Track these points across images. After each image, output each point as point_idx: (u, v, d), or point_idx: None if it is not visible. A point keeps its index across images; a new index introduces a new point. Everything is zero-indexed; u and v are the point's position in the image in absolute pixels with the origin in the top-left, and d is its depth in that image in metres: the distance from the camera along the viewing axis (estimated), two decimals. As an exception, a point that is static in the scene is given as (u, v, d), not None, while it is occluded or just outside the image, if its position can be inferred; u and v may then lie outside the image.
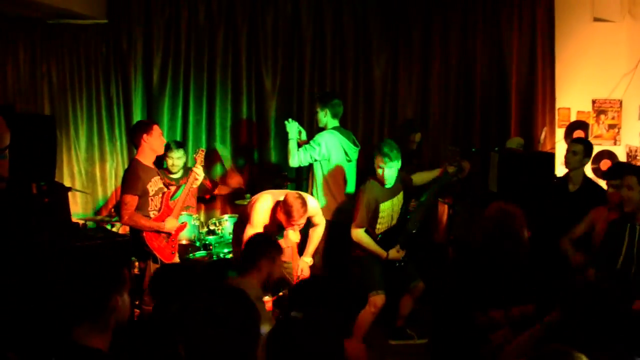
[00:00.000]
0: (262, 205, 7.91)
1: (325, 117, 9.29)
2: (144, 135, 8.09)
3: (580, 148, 8.71)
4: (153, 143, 8.16)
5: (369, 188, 8.44)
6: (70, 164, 10.41)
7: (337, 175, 9.28)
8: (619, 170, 7.65)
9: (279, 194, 8.01)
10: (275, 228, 7.90)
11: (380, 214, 8.44)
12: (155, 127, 8.26)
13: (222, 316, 2.92)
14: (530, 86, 11.14)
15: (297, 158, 8.97)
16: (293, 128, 9.19)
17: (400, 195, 8.61)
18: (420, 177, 9.01)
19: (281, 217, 7.74)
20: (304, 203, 7.73)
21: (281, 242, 7.62)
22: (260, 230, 7.79)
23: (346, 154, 9.33)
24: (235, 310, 2.97)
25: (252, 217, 7.87)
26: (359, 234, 8.37)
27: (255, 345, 3.03)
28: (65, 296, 3.49)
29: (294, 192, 7.94)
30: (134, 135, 8.18)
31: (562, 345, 3.26)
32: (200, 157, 8.41)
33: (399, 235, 8.59)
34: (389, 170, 8.27)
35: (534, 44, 11.06)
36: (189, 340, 2.97)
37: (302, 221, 7.79)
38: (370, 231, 8.45)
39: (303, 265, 8.31)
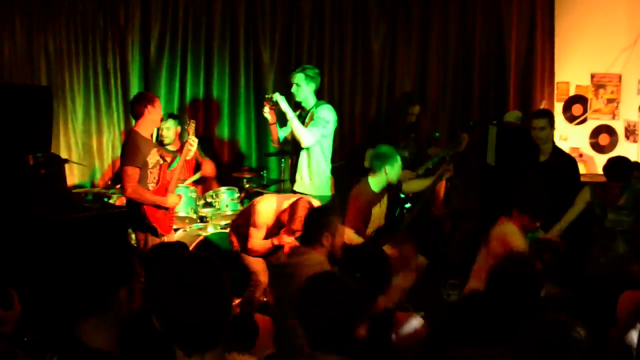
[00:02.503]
0: (265, 206, 7.85)
1: (309, 92, 9.18)
2: (148, 107, 8.02)
3: (545, 122, 8.68)
4: (155, 115, 8.12)
5: (364, 191, 8.45)
6: (67, 135, 10.34)
7: (329, 152, 9.26)
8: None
9: (284, 197, 7.98)
10: (277, 230, 7.85)
11: (372, 217, 8.45)
12: (158, 99, 8.23)
13: (192, 283, 2.89)
14: (529, 60, 11.13)
15: (310, 136, 8.76)
16: (285, 102, 8.92)
17: (386, 198, 8.62)
18: (410, 186, 8.98)
19: (284, 218, 7.70)
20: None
21: (274, 240, 7.70)
22: (263, 230, 7.81)
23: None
24: (205, 277, 2.94)
25: (255, 218, 7.81)
26: (350, 234, 8.35)
27: (229, 311, 3.00)
28: (72, 289, 3.46)
29: (306, 200, 7.69)
30: (137, 106, 8.11)
31: (562, 315, 3.25)
32: (192, 128, 8.38)
33: (392, 232, 8.60)
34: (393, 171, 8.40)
35: (533, 17, 11.04)
36: (161, 310, 2.95)
37: None
38: (361, 232, 8.43)
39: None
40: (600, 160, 9.90)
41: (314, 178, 8.72)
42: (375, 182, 8.46)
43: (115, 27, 10.46)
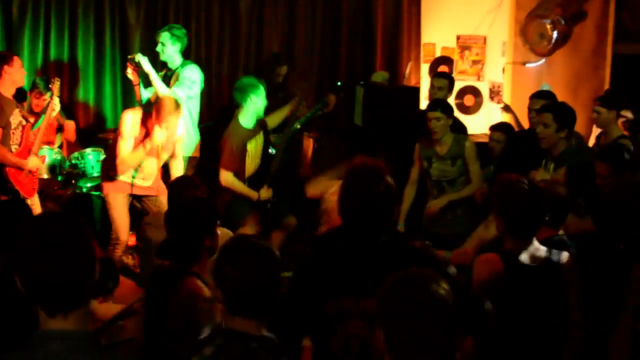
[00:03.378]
0: (129, 117, 7.81)
1: (175, 52, 9.09)
2: (5, 67, 7.87)
3: (445, 83, 8.84)
4: (14, 75, 7.97)
5: (234, 130, 8.38)
6: None
7: (196, 114, 9.20)
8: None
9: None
10: (144, 136, 7.76)
11: (248, 154, 8.41)
12: (16, 58, 8.09)
13: (54, 241, 2.84)
14: (395, 21, 11.23)
15: (172, 94, 8.66)
16: (148, 63, 8.81)
17: (261, 135, 8.57)
18: (272, 120, 8.95)
19: (153, 118, 7.65)
20: (178, 105, 7.68)
21: (146, 142, 7.65)
22: (131, 141, 7.76)
23: None
24: (68, 234, 2.89)
25: (121, 129, 7.79)
26: (229, 177, 8.29)
27: (93, 270, 2.96)
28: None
29: (171, 98, 7.82)
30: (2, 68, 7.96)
31: (420, 269, 3.25)
32: (56, 87, 8.24)
33: (265, 175, 8.59)
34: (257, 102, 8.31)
35: (400, -21, 11.13)
36: (22, 269, 2.89)
37: (174, 122, 7.74)
38: (239, 173, 8.39)
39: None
40: (466, 121, 10.02)
41: (189, 136, 8.67)
42: (245, 117, 8.38)
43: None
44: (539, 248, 4.63)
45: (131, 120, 7.78)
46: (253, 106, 8.32)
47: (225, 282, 3.49)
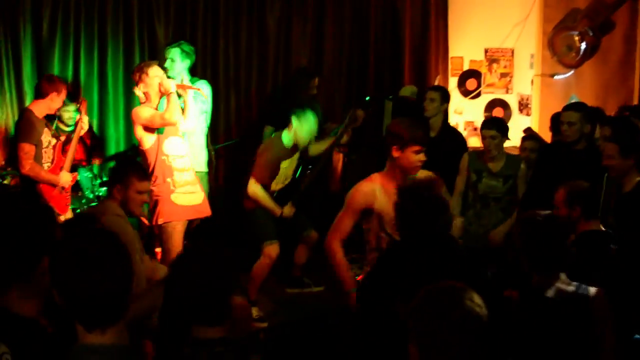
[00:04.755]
0: (141, 107, 7.94)
1: (183, 69, 9.12)
2: (53, 94, 8.00)
3: (437, 95, 8.83)
4: (55, 104, 8.15)
5: (276, 145, 8.48)
6: (-42, 117, 10.15)
7: (206, 128, 9.26)
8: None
9: None
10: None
11: (280, 172, 8.48)
12: (65, 91, 8.22)
13: (92, 257, 2.88)
14: (423, 35, 11.23)
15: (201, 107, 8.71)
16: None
17: (296, 156, 8.64)
18: (316, 148, 9.02)
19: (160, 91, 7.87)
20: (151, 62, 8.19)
21: (168, 89, 7.73)
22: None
23: None
24: (106, 251, 2.93)
25: (141, 113, 7.86)
26: (256, 188, 8.37)
27: (129, 286, 2.99)
28: None
29: None
30: (45, 86, 8.07)
31: (454, 282, 3.25)
32: (84, 107, 8.34)
33: (293, 193, 8.64)
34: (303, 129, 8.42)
35: (427, -7, 11.14)
36: (61, 284, 2.93)
37: (159, 72, 7.93)
38: (266, 187, 8.46)
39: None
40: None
41: (196, 152, 8.73)
42: (288, 137, 8.49)
43: (5, 6, 10.24)
44: (566, 282, 4.56)
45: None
46: (299, 134, 8.42)
47: (180, 292, 3.52)
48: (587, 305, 4.48)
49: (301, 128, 8.41)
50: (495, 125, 7.98)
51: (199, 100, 8.85)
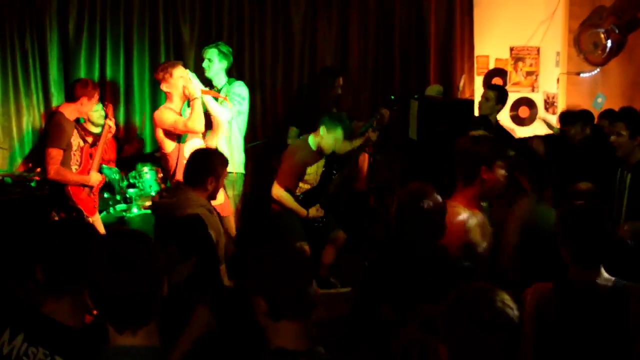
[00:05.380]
0: (162, 110, 7.92)
1: (221, 69, 9.14)
2: (84, 98, 8.00)
3: (493, 94, 8.82)
4: (85, 108, 8.14)
5: (302, 149, 8.50)
6: (-15, 119, 10.20)
7: (244, 130, 9.25)
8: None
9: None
10: None
11: (306, 177, 8.50)
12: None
13: (123, 258, 2.89)
14: (448, 34, 11.22)
15: (227, 111, 8.64)
16: (198, 80, 8.48)
17: (322, 162, 8.68)
18: (344, 147, 9.02)
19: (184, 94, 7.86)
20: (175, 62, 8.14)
21: (193, 95, 7.75)
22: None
23: None
24: (136, 252, 2.94)
25: (164, 117, 7.82)
26: (280, 191, 8.42)
27: (161, 288, 3.00)
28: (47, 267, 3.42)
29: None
30: (78, 90, 8.06)
31: (485, 283, 3.25)
32: (110, 109, 8.37)
33: (320, 195, 8.66)
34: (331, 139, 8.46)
35: (452, -9, 11.13)
36: (92, 286, 2.94)
37: (183, 73, 7.94)
38: (291, 189, 8.49)
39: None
40: (520, 133, 10.02)
41: (234, 154, 8.69)
42: (314, 141, 8.54)
43: (31, 7, 10.29)
44: (606, 278, 4.43)
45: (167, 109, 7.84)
46: (324, 143, 8.47)
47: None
48: (625, 302, 4.36)
49: (328, 138, 8.44)
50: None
51: (235, 101, 8.83)
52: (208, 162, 6.24)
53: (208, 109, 8.39)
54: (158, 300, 2.98)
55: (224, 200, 8.04)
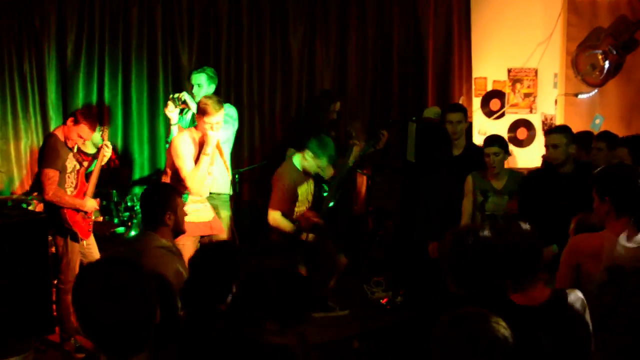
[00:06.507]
0: (181, 139, 7.56)
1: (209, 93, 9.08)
2: (84, 125, 7.92)
3: (460, 116, 8.79)
4: (84, 134, 8.02)
5: (288, 172, 8.51)
6: (-18, 142, 10.20)
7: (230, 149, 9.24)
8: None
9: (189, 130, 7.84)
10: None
11: (299, 197, 8.49)
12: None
13: (114, 287, 2.87)
14: (446, 56, 11.25)
15: (225, 132, 8.59)
16: (194, 102, 8.62)
17: (312, 182, 8.71)
18: (327, 172, 8.99)
19: (200, 127, 7.53)
20: (219, 101, 7.57)
21: (206, 149, 7.45)
22: (192, 160, 7.46)
23: None
24: (128, 280, 2.92)
25: (177, 151, 7.46)
26: (277, 216, 8.41)
27: (153, 316, 2.98)
28: None
29: None
30: (78, 115, 7.98)
31: (477, 308, 3.24)
32: (105, 133, 8.34)
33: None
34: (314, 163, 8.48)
35: (450, 13, 11.18)
36: (84, 314, 2.92)
37: (219, 118, 7.52)
38: (288, 215, 8.48)
39: None
40: (519, 154, 10.02)
41: (223, 175, 8.66)
42: (299, 161, 8.58)
43: (30, 31, 10.30)
44: None
45: (184, 142, 7.53)
46: (309, 162, 8.51)
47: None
48: None
49: (311, 163, 8.45)
50: (497, 142, 7.98)
51: (229, 123, 8.78)
52: (158, 199, 5.95)
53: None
54: (150, 329, 2.96)
55: (212, 218, 7.94)
